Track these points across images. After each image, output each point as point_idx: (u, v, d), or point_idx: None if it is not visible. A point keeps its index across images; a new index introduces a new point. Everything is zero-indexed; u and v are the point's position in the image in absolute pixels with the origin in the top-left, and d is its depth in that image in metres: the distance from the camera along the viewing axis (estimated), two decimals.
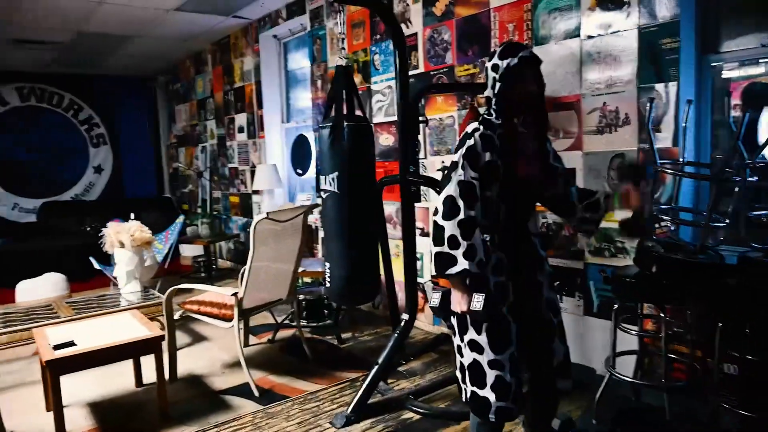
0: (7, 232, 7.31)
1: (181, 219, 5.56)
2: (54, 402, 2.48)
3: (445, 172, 1.93)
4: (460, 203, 1.83)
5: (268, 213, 2.97)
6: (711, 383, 2.19)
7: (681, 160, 2.45)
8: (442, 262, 1.83)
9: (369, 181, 2.59)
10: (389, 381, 3.15)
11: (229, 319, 3.08)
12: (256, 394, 3.03)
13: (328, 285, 2.67)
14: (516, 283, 1.97)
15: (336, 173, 2.50)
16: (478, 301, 1.81)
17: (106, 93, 8.30)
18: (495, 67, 1.89)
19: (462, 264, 1.80)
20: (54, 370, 2.47)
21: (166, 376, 3.22)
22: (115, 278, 4.11)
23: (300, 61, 5.55)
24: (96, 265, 5.02)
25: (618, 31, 2.71)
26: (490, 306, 1.83)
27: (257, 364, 3.49)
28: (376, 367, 2.83)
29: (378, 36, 4.16)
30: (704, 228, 2.24)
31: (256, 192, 5.91)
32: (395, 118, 4.03)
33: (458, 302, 1.87)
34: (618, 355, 2.67)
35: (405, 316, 2.92)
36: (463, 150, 1.89)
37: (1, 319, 3.48)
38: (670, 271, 2.24)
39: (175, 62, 7.57)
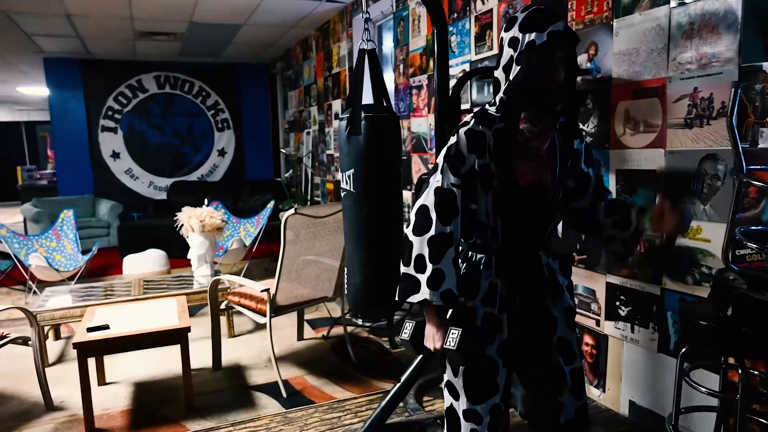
0: (143, 207, 8.13)
1: (271, 204, 5.68)
2: (81, 382, 2.57)
3: (424, 176, 1.59)
4: (433, 216, 1.49)
5: (296, 208, 2.81)
6: None
7: None
8: (406, 285, 1.51)
9: (390, 179, 2.29)
10: (424, 398, 2.86)
11: (265, 314, 3.00)
12: (284, 394, 2.93)
13: (345, 292, 2.44)
14: (514, 317, 1.58)
15: (352, 170, 2.25)
16: (452, 338, 1.46)
17: (231, 80, 8.79)
18: (513, 42, 1.45)
19: (423, 293, 1.46)
20: (81, 352, 2.56)
21: (208, 364, 3.27)
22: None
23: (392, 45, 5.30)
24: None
25: None
26: (468, 345, 1.47)
27: (299, 361, 3.39)
28: (398, 385, 2.55)
29: (455, 15, 3.77)
30: None
31: None
32: (468, 105, 3.64)
33: (431, 337, 1.53)
34: (689, 410, 2.11)
35: None
36: (444, 150, 1.54)
37: (84, 292, 3.78)
38: (751, 315, 1.66)
39: (289, 49, 7.75)
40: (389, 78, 5.00)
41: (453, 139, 1.52)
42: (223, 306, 3.32)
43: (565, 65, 1.46)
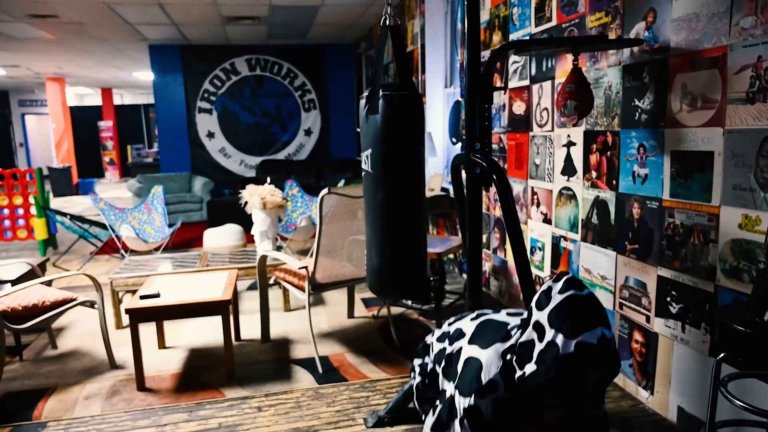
0: (233, 184, 8.61)
1: (342, 183, 5.76)
2: (133, 345, 2.80)
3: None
4: None
5: (330, 188, 2.81)
6: None
7: None
8: None
9: (409, 161, 2.21)
10: None
11: (305, 291, 3.06)
12: (320, 370, 2.99)
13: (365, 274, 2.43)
14: None
15: (369, 150, 2.21)
16: None
17: (318, 61, 8.98)
18: (538, 328, 1.30)
19: None
20: (132, 317, 2.78)
21: (259, 336, 3.41)
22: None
23: None
24: None
25: None
26: None
27: (343, 339, 3.44)
28: None
29: None
30: None
31: None
32: (528, 82, 3.43)
33: None
34: (728, 424, 1.87)
35: None
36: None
37: (159, 262, 4.08)
38: None
39: (371, 28, 7.75)
40: (458, 53, 4.84)
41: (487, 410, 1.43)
42: (272, 281, 3.43)
43: (594, 377, 1.31)
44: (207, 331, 3.60)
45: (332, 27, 7.55)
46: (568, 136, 3.03)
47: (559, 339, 1.24)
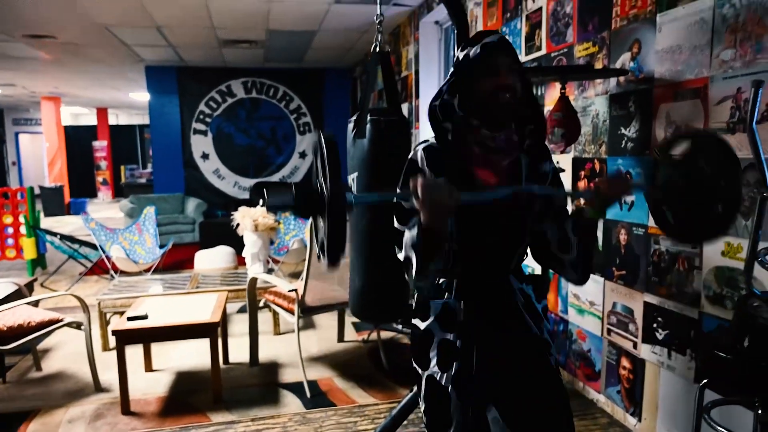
0: (227, 205, 8.60)
1: None
2: (119, 367, 2.77)
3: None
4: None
5: None
6: None
7: None
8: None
9: (396, 185, 2.23)
10: None
11: (294, 314, 3.05)
12: (308, 395, 2.96)
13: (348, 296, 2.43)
14: (478, 349, 1.43)
15: (355, 174, 2.24)
16: None
17: (314, 84, 9.07)
18: (455, 66, 1.41)
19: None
20: (119, 339, 2.75)
21: (247, 359, 3.38)
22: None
23: None
24: None
25: None
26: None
27: (333, 363, 3.41)
28: (410, 395, 2.50)
29: (508, 15, 3.63)
30: None
31: None
32: None
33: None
34: None
35: None
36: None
37: (149, 283, 4.07)
38: None
39: (367, 53, 7.87)
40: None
41: (413, 156, 1.48)
42: (262, 304, 3.42)
43: (509, 74, 1.33)
44: (195, 354, 3.57)
45: (329, 51, 7.65)
46: (557, 162, 3.07)
47: (467, 50, 1.37)
